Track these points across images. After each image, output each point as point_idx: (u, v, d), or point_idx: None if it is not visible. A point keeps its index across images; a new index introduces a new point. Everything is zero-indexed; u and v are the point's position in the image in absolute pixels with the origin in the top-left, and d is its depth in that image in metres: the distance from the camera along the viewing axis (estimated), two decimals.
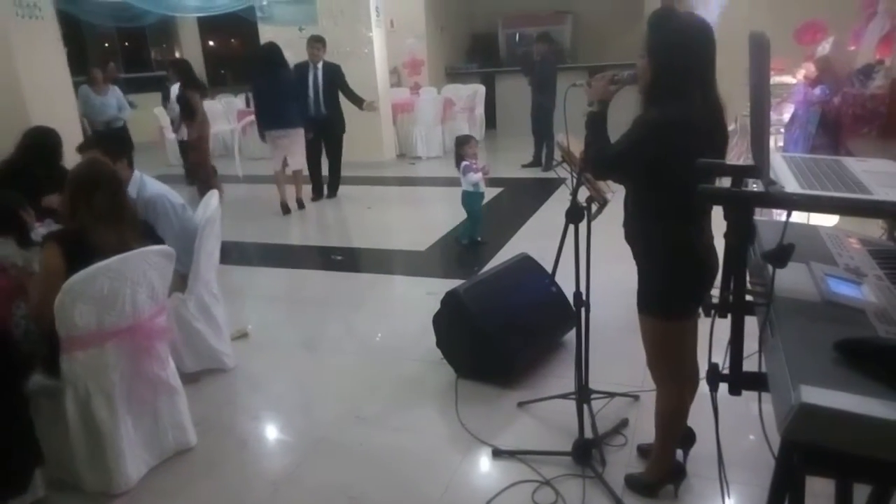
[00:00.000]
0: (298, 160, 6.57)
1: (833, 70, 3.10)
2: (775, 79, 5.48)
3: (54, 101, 4.23)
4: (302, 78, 6.56)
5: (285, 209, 6.59)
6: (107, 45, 13.08)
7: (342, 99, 6.87)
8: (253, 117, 6.97)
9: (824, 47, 3.23)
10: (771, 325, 1.08)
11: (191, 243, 3.07)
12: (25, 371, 2.37)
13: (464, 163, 4.88)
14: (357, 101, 6.80)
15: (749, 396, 1.28)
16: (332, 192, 7.21)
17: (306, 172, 6.91)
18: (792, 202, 1.06)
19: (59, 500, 2.39)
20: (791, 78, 4.58)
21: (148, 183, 3.23)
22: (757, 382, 1.15)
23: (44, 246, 2.39)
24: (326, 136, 6.87)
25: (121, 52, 13.11)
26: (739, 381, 1.19)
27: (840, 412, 0.83)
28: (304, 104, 6.55)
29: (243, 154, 9.27)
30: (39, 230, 2.87)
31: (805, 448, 0.90)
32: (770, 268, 1.16)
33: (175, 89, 7.77)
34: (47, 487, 2.36)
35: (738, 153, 5.30)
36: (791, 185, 1.10)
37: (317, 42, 6.67)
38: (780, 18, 5.90)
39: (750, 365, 1.26)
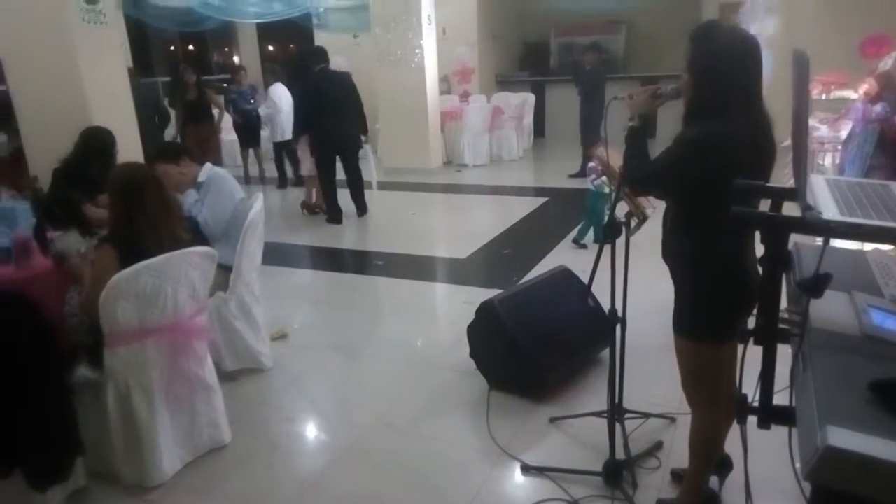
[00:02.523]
0: (303, 166, 6.86)
1: (895, 86, 2.95)
2: (836, 93, 5.27)
3: (115, 105, 4.40)
4: None
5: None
6: (172, 48, 13.58)
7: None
8: None
9: (887, 62, 3.08)
10: (803, 357, 1.02)
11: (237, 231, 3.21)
12: (72, 362, 2.46)
13: (590, 164, 5.03)
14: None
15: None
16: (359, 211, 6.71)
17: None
18: (829, 229, 1.00)
19: (98, 491, 2.47)
20: (853, 93, 4.40)
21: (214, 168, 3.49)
22: (787, 417, 1.09)
23: (99, 247, 2.49)
24: None
25: (182, 56, 13.58)
26: (769, 414, 1.13)
27: (869, 458, 0.78)
28: None
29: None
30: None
31: (833, 494, 0.84)
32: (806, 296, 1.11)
33: (275, 91, 8.04)
34: (87, 477, 2.44)
35: (790, 172, 5.11)
36: (830, 210, 1.04)
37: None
38: (845, 31, 5.69)
39: (783, 398, 1.20)
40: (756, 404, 1.19)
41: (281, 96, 8.09)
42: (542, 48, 11.75)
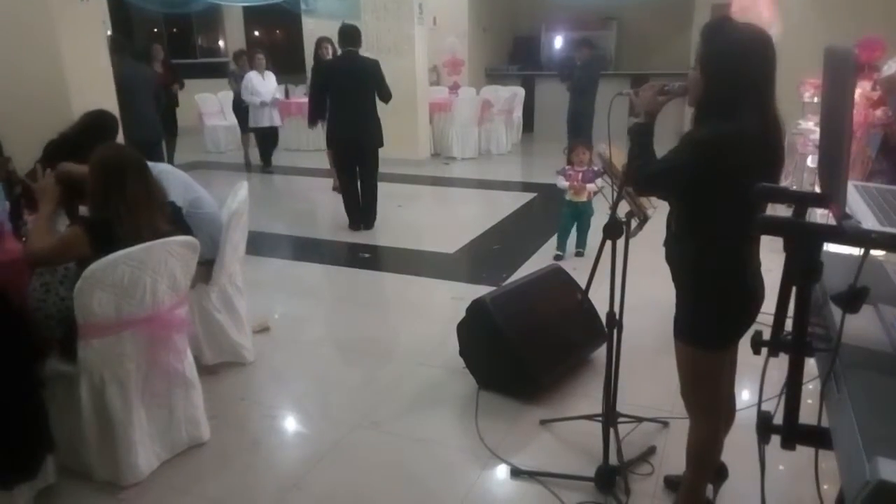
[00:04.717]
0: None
1: None
2: None
3: (94, 85, 4.23)
4: None
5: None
6: (155, 30, 13.27)
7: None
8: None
9: (891, 66, 3.05)
10: (836, 377, 0.96)
11: (209, 225, 3.05)
12: (41, 354, 2.34)
13: (565, 167, 4.75)
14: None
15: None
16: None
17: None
18: (870, 240, 0.93)
19: (69, 488, 2.36)
20: None
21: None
22: (816, 438, 1.02)
23: (70, 226, 2.37)
24: None
25: (167, 39, 13.30)
26: (794, 434, 1.07)
27: None
28: None
29: (282, 145, 9.32)
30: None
31: None
32: (832, 307, 1.04)
33: (251, 77, 7.91)
34: (58, 474, 2.33)
35: (784, 173, 5.10)
36: (868, 220, 0.98)
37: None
38: (837, 33, 5.68)
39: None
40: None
41: (258, 83, 8.01)
42: (533, 42, 11.67)
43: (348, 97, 5.46)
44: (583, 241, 4.88)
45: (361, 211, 5.86)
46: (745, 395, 2.73)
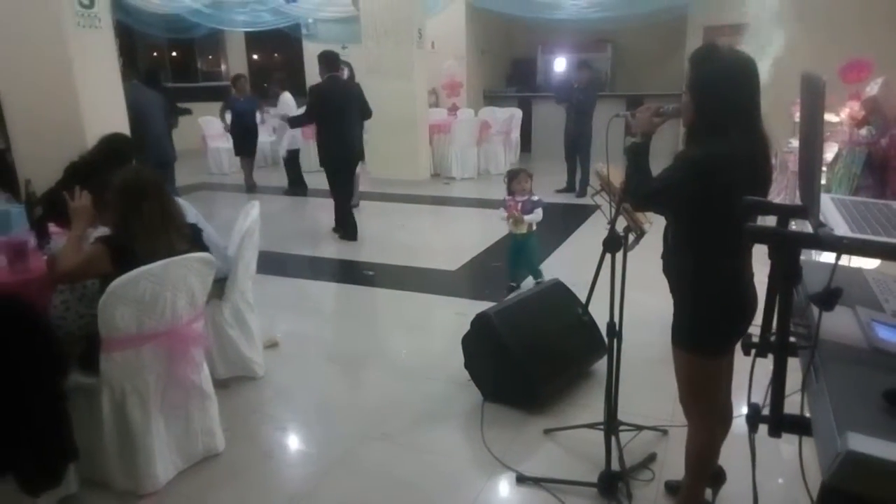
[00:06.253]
0: None
1: (881, 111, 3.05)
2: None
3: (108, 111, 4.36)
4: None
5: None
6: (155, 54, 13.51)
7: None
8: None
9: (873, 88, 3.19)
10: (815, 369, 1.07)
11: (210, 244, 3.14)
12: (65, 366, 2.43)
13: (506, 197, 4.45)
14: None
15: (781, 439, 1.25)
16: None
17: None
18: (841, 246, 1.05)
19: (90, 497, 2.44)
20: (834, 116, 4.53)
21: None
22: (799, 426, 1.13)
23: (93, 243, 2.48)
24: None
25: (169, 63, 13.52)
26: (780, 423, 1.17)
27: (889, 463, 0.82)
28: None
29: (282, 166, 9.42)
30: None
31: (848, 498, 0.88)
32: (814, 309, 1.15)
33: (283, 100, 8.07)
34: (79, 484, 2.41)
35: (777, 189, 5.24)
36: (841, 228, 1.09)
37: None
38: (826, 55, 5.85)
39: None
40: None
41: (289, 105, 8.19)
42: (530, 64, 11.89)
43: (339, 119, 5.92)
44: (534, 272, 4.58)
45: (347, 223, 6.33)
46: (741, 403, 2.82)
